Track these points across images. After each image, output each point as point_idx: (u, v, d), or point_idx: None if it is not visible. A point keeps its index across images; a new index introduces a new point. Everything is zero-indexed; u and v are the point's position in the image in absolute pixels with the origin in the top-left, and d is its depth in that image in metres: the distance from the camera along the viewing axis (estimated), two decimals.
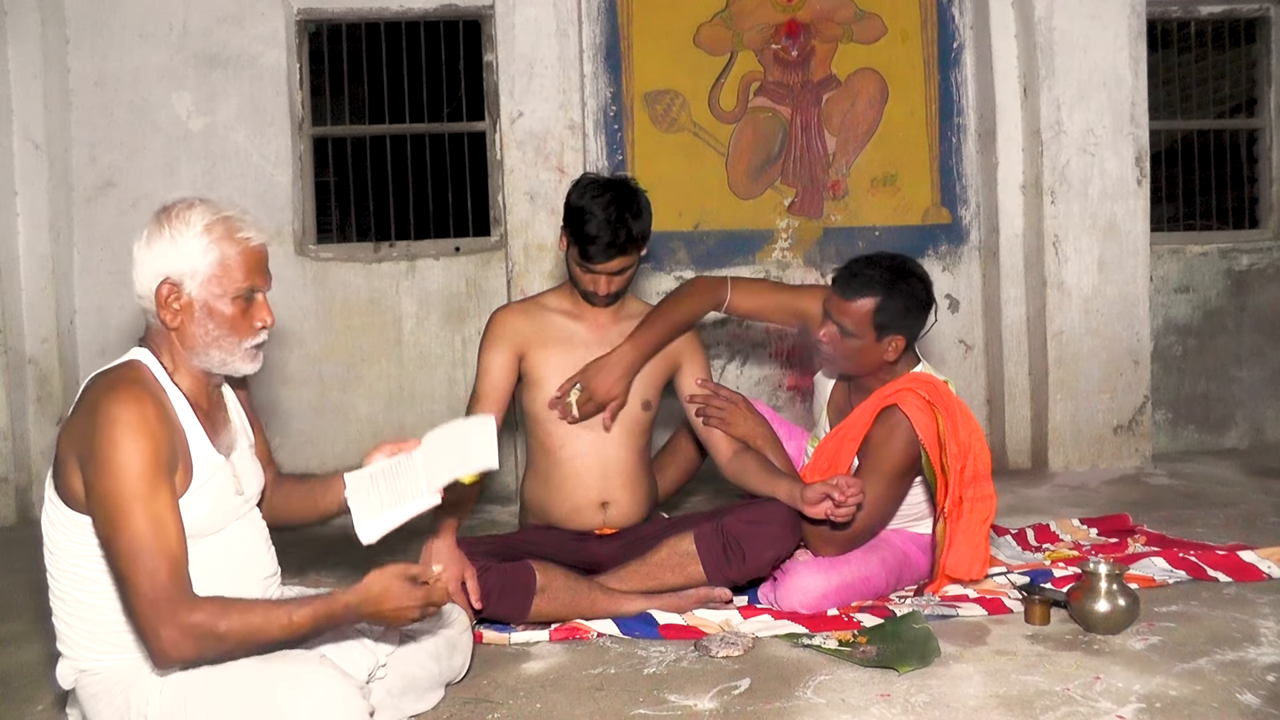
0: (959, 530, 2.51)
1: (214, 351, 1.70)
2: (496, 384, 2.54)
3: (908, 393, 2.52)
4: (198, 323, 1.68)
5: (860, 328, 2.51)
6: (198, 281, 1.67)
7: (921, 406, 2.49)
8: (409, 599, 1.65)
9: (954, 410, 2.50)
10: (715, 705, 1.96)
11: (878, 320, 2.50)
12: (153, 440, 1.55)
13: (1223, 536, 3.10)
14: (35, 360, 4.11)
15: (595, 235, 2.42)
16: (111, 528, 1.53)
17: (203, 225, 1.67)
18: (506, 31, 4.28)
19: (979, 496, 2.50)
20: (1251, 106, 5.08)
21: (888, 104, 4.62)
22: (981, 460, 2.50)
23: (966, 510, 2.50)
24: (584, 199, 2.45)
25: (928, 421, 2.48)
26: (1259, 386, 4.83)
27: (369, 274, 4.43)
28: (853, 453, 2.61)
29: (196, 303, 1.67)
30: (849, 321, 2.52)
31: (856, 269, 2.55)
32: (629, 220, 2.43)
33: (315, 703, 1.53)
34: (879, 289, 2.49)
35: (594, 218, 2.41)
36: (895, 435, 2.50)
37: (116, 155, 4.30)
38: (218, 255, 1.67)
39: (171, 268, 1.66)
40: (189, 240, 1.66)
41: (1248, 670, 2.04)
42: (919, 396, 2.51)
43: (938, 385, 2.54)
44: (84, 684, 1.67)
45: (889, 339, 2.54)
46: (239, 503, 1.76)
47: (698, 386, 2.65)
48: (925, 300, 2.57)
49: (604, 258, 2.45)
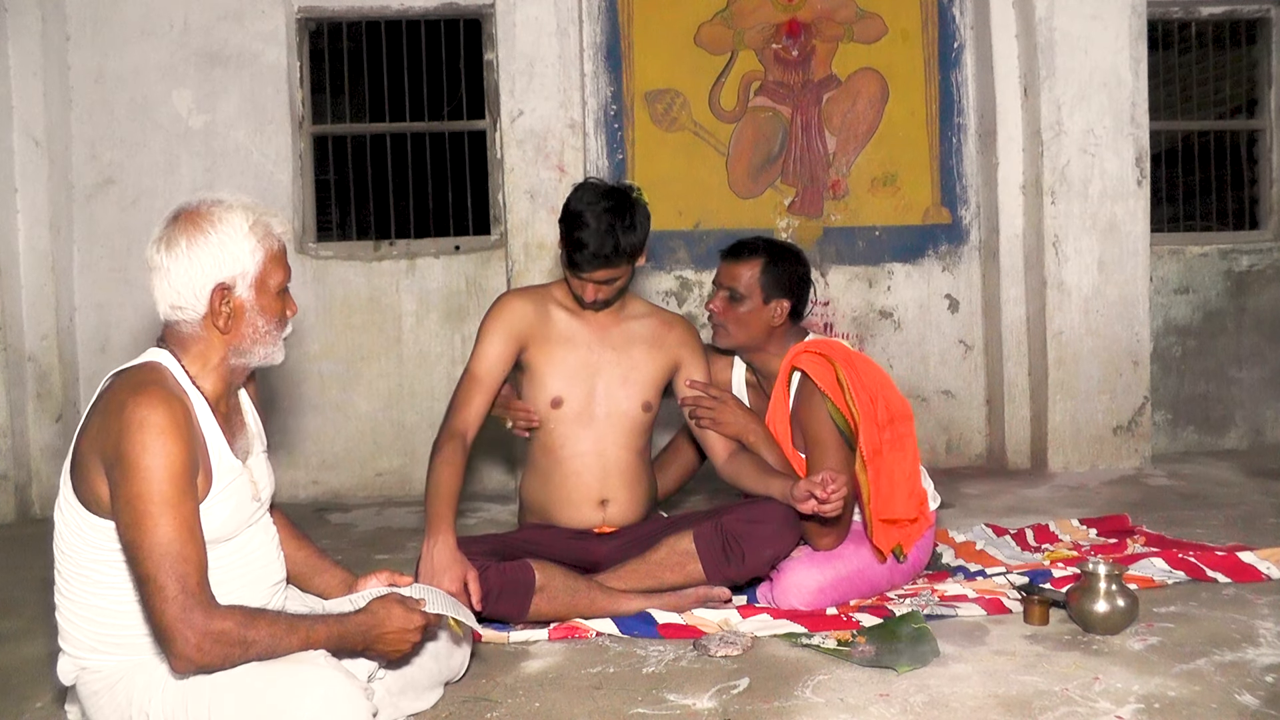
0: (881, 475, 2.55)
1: (259, 348, 1.71)
2: (492, 369, 2.54)
3: (801, 353, 2.65)
4: (248, 323, 1.68)
5: (748, 288, 2.68)
6: (248, 282, 1.67)
7: (815, 360, 2.61)
8: (409, 621, 1.69)
9: (852, 359, 2.62)
10: (714, 704, 1.96)
11: (764, 281, 2.67)
12: (182, 444, 1.54)
13: (1222, 537, 3.10)
14: (35, 357, 4.11)
15: (583, 243, 2.40)
16: (139, 531, 1.51)
17: (249, 225, 1.66)
18: (507, 30, 4.28)
19: (896, 436, 2.59)
20: (1252, 107, 5.08)
21: (888, 104, 4.62)
22: (894, 404, 2.61)
23: (886, 454, 2.56)
24: (580, 204, 2.43)
25: (824, 371, 2.58)
26: (1258, 387, 4.83)
27: (369, 272, 4.43)
28: (787, 436, 2.69)
29: (246, 304, 1.67)
30: (739, 285, 2.68)
31: (743, 241, 2.77)
32: (619, 233, 2.40)
33: (321, 704, 1.53)
34: (762, 253, 2.70)
35: (585, 226, 2.40)
36: (813, 400, 2.59)
37: (117, 152, 4.30)
38: (264, 254, 1.68)
39: (223, 272, 1.65)
40: (238, 242, 1.65)
41: (1246, 671, 2.04)
42: (812, 353, 2.63)
43: (831, 342, 2.68)
44: (85, 681, 1.67)
45: (775, 302, 2.69)
46: (255, 509, 1.76)
47: (687, 388, 2.66)
48: (805, 274, 2.75)
49: (590, 267, 2.43)
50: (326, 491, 4.40)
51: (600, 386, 2.58)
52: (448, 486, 2.37)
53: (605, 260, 2.42)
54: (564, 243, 2.47)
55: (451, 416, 2.50)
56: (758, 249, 2.71)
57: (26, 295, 4.10)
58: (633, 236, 2.43)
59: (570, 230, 2.43)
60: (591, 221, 2.39)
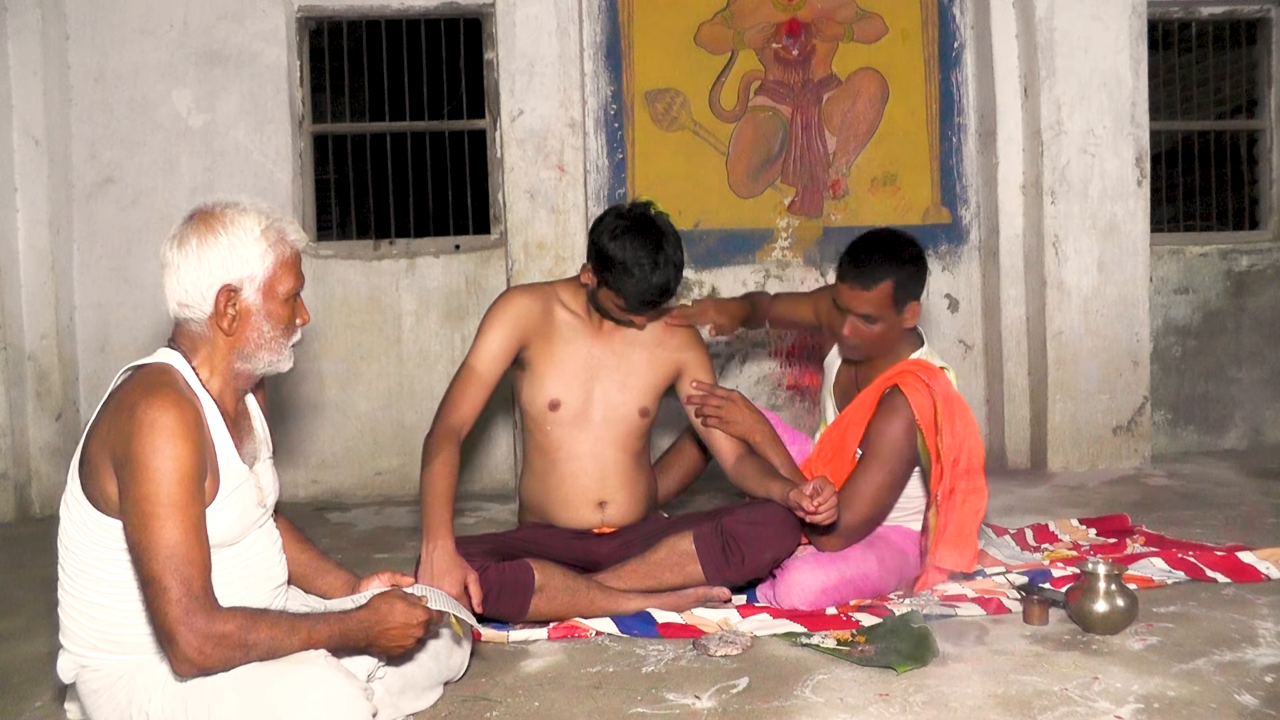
0: (950, 521, 2.53)
1: (264, 354, 1.70)
2: (490, 365, 2.53)
3: (909, 374, 2.57)
4: (253, 327, 1.68)
5: (883, 310, 2.56)
6: (255, 286, 1.66)
7: (920, 389, 2.54)
8: (412, 616, 1.68)
9: (952, 401, 2.55)
10: (713, 704, 1.96)
11: (897, 296, 2.56)
12: (191, 448, 1.54)
13: (1221, 537, 3.10)
14: (34, 356, 4.11)
15: (642, 292, 2.41)
16: (145, 533, 1.51)
17: (260, 230, 1.66)
18: (507, 29, 4.28)
19: (971, 489, 2.54)
20: (1252, 108, 5.08)
21: (888, 103, 4.62)
22: (975, 454, 2.54)
23: (958, 501, 2.53)
24: (623, 251, 2.40)
25: (925, 404, 2.53)
26: (1258, 387, 4.83)
27: (369, 271, 4.43)
28: (857, 439, 2.64)
29: (253, 308, 1.67)
30: (871, 309, 2.55)
31: (860, 260, 2.57)
32: (672, 272, 2.43)
33: (320, 704, 1.53)
34: (891, 268, 2.54)
35: (639, 273, 2.39)
36: (896, 420, 2.54)
37: (116, 152, 4.30)
38: (274, 259, 1.67)
39: (231, 274, 1.64)
40: (248, 245, 1.65)
41: (1246, 671, 2.04)
42: (919, 380, 2.56)
43: (937, 373, 2.59)
44: (85, 679, 1.67)
45: (908, 308, 2.60)
46: (259, 514, 1.76)
47: (693, 388, 2.65)
48: (921, 256, 2.63)
49: (650, 308, 2.48)
50: (326, 491, 4.40)
51: (598, 390, 2.58)
52: (444, 489, 2.36)
53: (660, 299, 2.46)
54: (609, 284, 2.44)
55: (447, 412, 2.49)
56: (884, 272, 2.53)
57: (26, 294, 4.09)
58: (679, 268, 2.46)
59: (619, 277, 2.41)
60: (645, 268, 2.40)
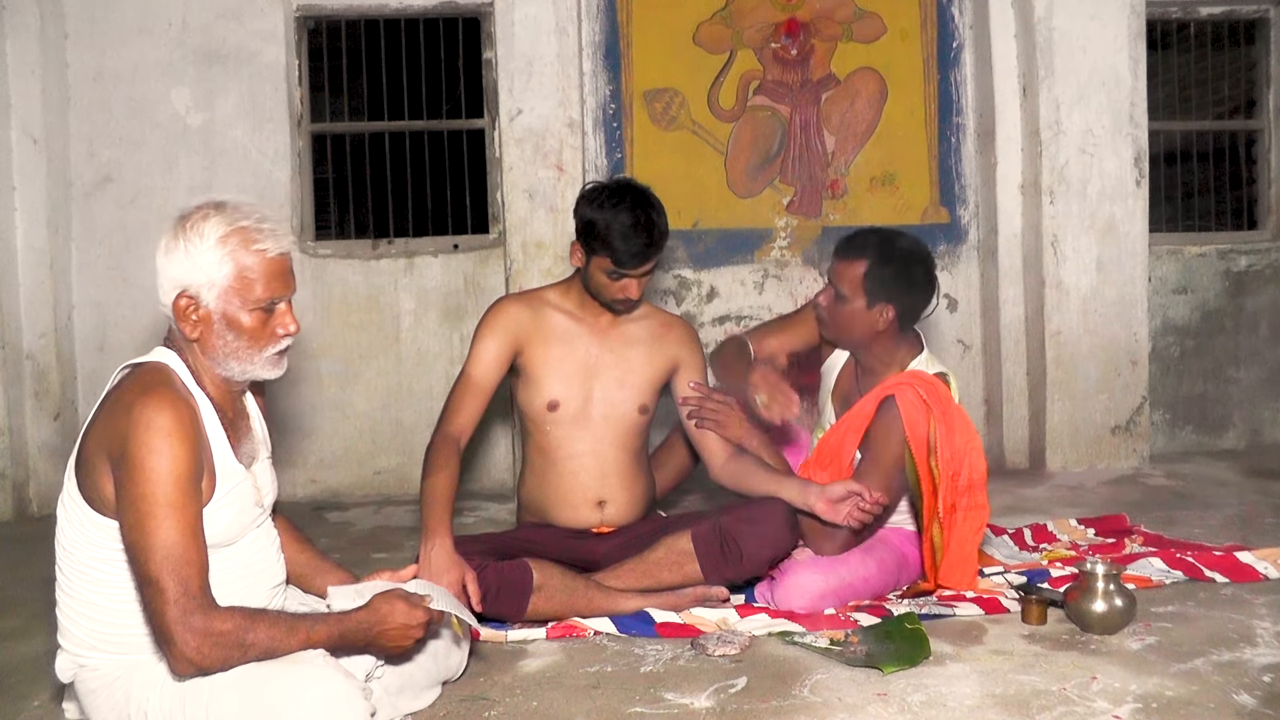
0: (952, 538, 2.51)
1: (232, 362, 1.68)
2: (487, 372, 2.54)
3: (906, 387, 2.52)
4: (217, 334, 1.66)
5: (851, 289, 2.53)
6: (215, 294, 1.63)
7: (916, 404, 2.49)
8: (412, 617, 1.68)
9: (950, 415, 2.49)
10: (712, 704, 1.96)
11: (868, 285, 2.52)
12: (187, 447, 1.54)
13: (1220, 537, 3.10)
14: (33, 355, 4.10)
15: (627, 241, 2.40)
16: (142, 533, 1.51)
17: (217, 237, 1.62)
18: (506, 29, 4.28)
19: (972, 505, 2.50)
20: (1250, 108, 5.08)
21: (887, 103, 4.62)
22: (977, 470, 2.50)
23: (960, 519, 2.50)
24: (603, 210, 2.42)
25: (920, 421, 2.48)
26: (1257, 387, 4.83)
27: (367, 271, 4.43)
28: (855, 445, 2.61)
29: (215, 315, 1.64)
30: (843, 284, 2.54)
31: (856, 234, 2.59)
32: (654, 218, 2.43)
33: (319, 703, 1.53)
34: (870, 253, 2.52)
35: (620, 225, 2.39)
36: (894, 428, 2.51)
37: (115, 151, 4.30)
38: (233, 268, 1.63)
39: (188, 279, 1.63)
40: (204, 252, 1.62)
41: (1244, 671, 2.04)
42: (917, 394, 2.50)
43: (937, 387, 2.53)
44: (83, 679, 1.67)
45: (879, 307, 2.53)
46: (257, 514, 1.76)
47: (690, 389, 2.65)
48: (922, 278, 2.56)
49: (638, 261, 2.44)
50: (324, 490, 4.40)
51: (597, 389, 2.58)
52: (443, 490, 2.37)
53: (646, 250, 2.43)
54: (598, 251, 2.44)
55: (446, 420, 2.50)
56: (865, 248, 2.53)
57: (24, 293, 4.08)
58: (663, 217, 2.46)
59: (605, 236, 2.41)
60: (626, 218, 2.40)
